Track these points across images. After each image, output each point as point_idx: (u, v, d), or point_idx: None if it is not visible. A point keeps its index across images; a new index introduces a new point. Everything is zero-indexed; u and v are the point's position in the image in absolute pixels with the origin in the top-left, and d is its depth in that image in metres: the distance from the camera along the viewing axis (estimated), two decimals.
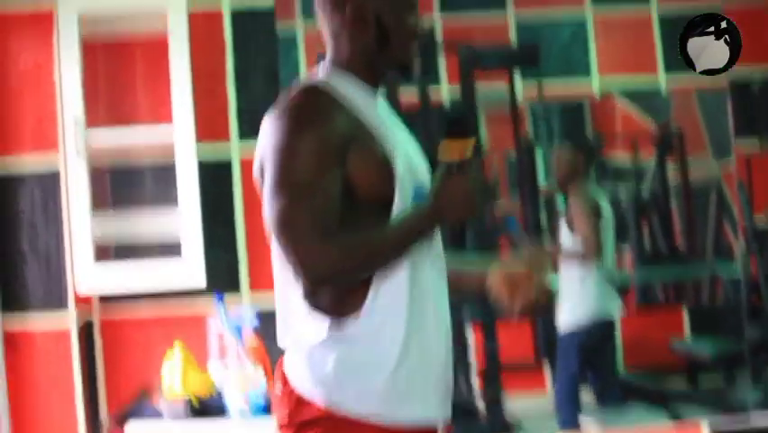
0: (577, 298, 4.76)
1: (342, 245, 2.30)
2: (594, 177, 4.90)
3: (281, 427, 2.43)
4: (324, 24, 2.52)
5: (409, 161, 2.44)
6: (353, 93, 2.44)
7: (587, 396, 4.76)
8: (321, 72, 2.49)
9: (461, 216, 2.39)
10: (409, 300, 2.38)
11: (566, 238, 4.81)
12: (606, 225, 4.80)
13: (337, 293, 2.37)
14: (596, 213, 4.78)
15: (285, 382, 2.43)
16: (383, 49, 2.47)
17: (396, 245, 2.35)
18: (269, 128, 2.37)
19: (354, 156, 2.34)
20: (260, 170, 2.41)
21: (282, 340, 2.46)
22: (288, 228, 2.29)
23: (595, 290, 4.77)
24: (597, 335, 4.77)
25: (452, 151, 2.40)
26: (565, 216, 4.83)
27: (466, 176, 2.38)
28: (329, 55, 2.52)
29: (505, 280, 2.52)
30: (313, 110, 2.35)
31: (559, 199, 4.87)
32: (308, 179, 2.30)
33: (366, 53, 2.47)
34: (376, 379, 2.36)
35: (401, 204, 2.37)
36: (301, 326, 2.41)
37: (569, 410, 4.71)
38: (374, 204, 2.37)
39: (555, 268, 4.81)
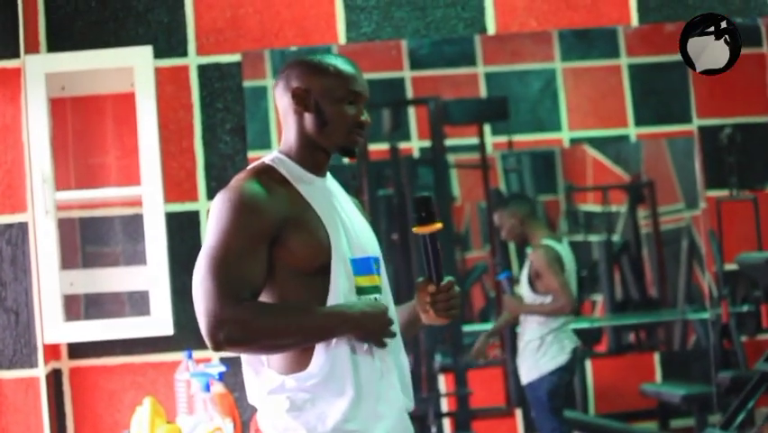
0: (541, 348, 4.75)
1: (245, 318, 2.49)
2: (548, 226, 4.92)
3: None
4: (278, 107, 2.74)
5: (350, 235, 2.66)
6: (296, 174, 2.66)
7: None
8: (271, 155, 2.72)
9: (374, 337, 2.61)
10: (353, 358, 2.59)
11: (526, 294, 4.81)
12: (569, 274, 4.79)
13: (285, 354, 2.60)
14: (560, 264, 4.76)
15: (257, 431, 2.66)
16: (322, 132, 2.67)
17: (304, 333, 2.56)
18: (213, 204, 2.59)
19: (290, 232, 2.56)
20: None
21: (250, 398, 2.67)
22: (200, 295, 2.52)
23: (558, 338, 4.76)
24: (560, 381, 4.76)
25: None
26: (527, 272, 4.82)
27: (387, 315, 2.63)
28: (282, 138, 2.73)
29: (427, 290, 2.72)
30: (248, 192, 2.56)
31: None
32: (228, 254, 2.51)
33: (308, 136, 2.68)
34: (326, 425, 2.56)
35: (337, 273, 2.60)
36: (259, 381, 2.63)
37: None
38: (314, 274, 2.59)
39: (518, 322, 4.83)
